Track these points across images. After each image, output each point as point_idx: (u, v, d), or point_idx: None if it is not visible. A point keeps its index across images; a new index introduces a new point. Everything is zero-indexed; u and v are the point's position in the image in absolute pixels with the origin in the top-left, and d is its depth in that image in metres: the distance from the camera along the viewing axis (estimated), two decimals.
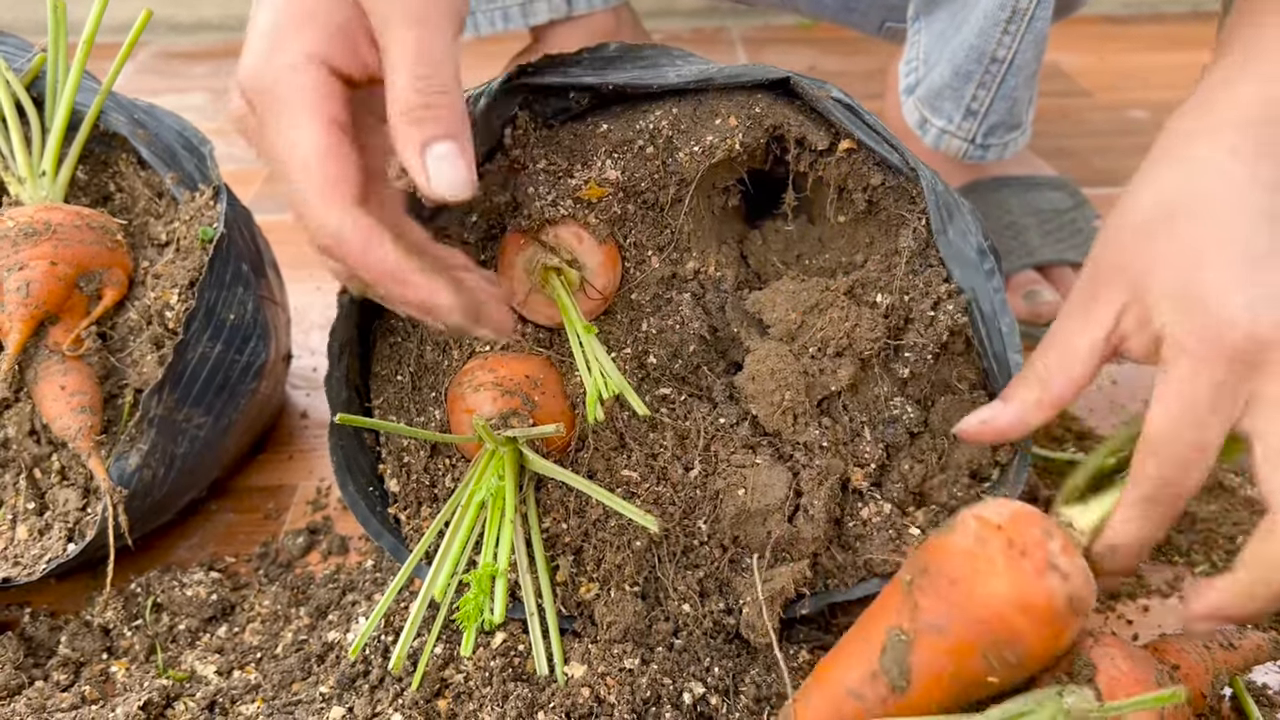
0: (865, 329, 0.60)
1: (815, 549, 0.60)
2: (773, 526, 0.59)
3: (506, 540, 0.57)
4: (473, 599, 0.56)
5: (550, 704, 0.57)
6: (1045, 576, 0.49)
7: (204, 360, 0.67)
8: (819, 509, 0.59)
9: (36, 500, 0.66)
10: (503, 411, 0.59)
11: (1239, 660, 0.60)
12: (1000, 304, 0.60)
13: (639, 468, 0.61)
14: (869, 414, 0.62)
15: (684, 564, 0.61)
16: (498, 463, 0.58)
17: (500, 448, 0.58)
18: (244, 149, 1.36)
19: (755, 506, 0.59)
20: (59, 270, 0.65)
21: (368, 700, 0.59)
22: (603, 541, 0.61)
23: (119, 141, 0.72)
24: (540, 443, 0.60)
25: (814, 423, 0.61)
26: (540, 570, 0.59)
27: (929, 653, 0.51)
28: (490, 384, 0.60)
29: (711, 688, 0.58)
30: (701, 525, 0.61)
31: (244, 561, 0.72)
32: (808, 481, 0.60)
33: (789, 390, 0.60)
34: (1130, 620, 0.66)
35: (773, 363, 0.60)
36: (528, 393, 0.60)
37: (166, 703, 0.60)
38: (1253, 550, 0.50)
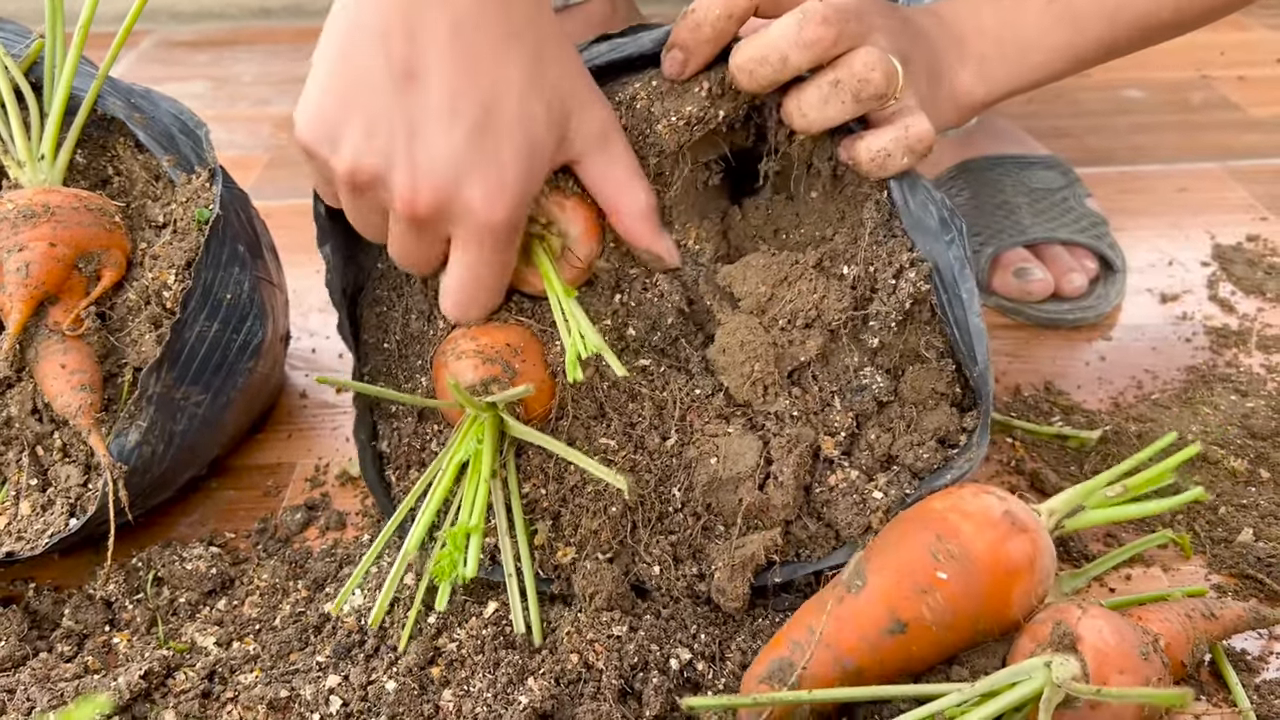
0: (833, 300, 0.62)
1: (786, 516, 0.61)
2: (744, 494, 0.60)
3: (482, 500, 0.59)
4: (447, 555, 0.58)
5: (540, 670, 0.58)
6: (982, 496, 0.58)
7: (201, 339, 0.69)
8: (788, 476, 0.60)
9: (39, 477, 0.68)
10: (483, 378, 0.60)
11: (1219, 629, 0.61)
12: (960, 272, 0.60)
13: (617, 436, 0.63)
14: (839, 384, 0.63)
15: (658, 530, 0.62)
16: (478, 428, 0.60)
17: (480, 413, 0.60)
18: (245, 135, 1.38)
19: (727, 474, 0.60)
20: (58, 251, 0.66)
21: (363, 669, 0.60)
22: (580, 507, 0.62)
23: (116, 125, 0.74)
24: (521, 411, 0.62)
25: (784, 393, 0.63)
26: (519, 533, 0.61)
27: (881, 558, 0.57)
28: (472, 352, 0.61)
29: (698, 654, 0.59)
30: (676, 493, 0.62)
31: (243, 537, 0.73)
32: (778, 450, 0.61)
33: (758, 362, 0.61)
34: (1113, 589, 0.67)
35: (742, 335, 0.62)
36: (508, 360, 0.61)
37: (167, 672, 0.62)
38: None
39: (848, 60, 0.59)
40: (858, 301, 0.62)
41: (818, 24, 0.57)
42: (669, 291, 0.65)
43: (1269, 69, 1.41)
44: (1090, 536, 0.70)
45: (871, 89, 0.58)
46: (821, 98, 0.59)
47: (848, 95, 0.59)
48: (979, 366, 0.60)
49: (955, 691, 0.53)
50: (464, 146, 0.53)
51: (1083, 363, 0.87)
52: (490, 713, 0.56)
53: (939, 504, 0.58)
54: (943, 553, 0.55)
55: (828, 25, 0.57)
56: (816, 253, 0.63)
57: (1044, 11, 0.68)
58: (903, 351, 0.64)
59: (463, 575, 0.58)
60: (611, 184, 0.60)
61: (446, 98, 0.53)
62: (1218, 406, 0.79)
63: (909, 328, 0.63)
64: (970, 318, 0.60)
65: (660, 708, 0.56)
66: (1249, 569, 0.67)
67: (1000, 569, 0.55)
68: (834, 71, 0.59)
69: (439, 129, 0.53)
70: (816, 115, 0.60)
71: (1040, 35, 0.69)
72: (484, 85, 0.54)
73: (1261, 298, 0.93)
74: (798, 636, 0.55)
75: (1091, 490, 0.62)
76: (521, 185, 0.55)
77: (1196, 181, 1.13)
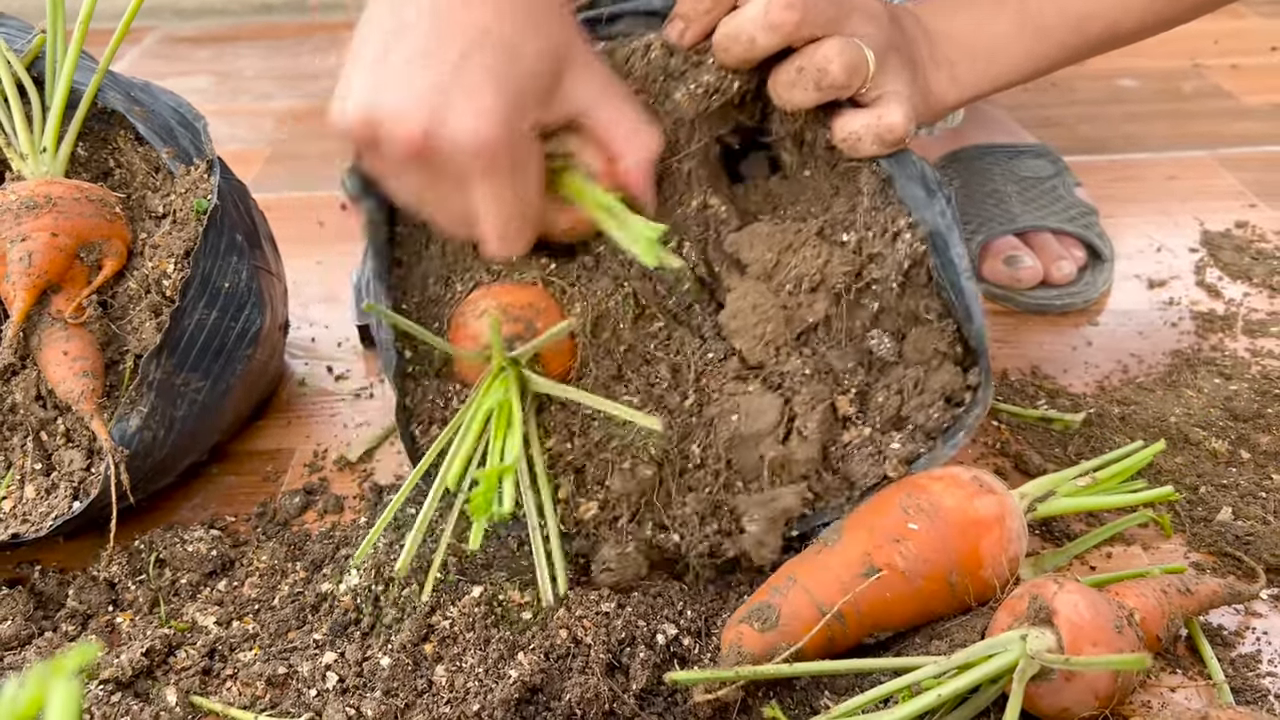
0: (836, 264, 0.64)
1: (807, 470, 0.64)
2: (766, 449, 0.63)
3: (514, 443, 0.60)
4: (483, 493, 0.58)
5: (530, 645, 0.59)
6: (951, 466, 0.63)
7: (200, 326, 0.70)
8: (813, 430, 0.63)
9: (43, 461, 0.69)
10: (507, 336, 0.62)
11: (1195, 604, 0.62)
12: (949, 235, 0.63)
13: (638, 394, 0.65)
14: (846, 345, 0.66)
15: (682, 485, 0.64)
16: (503, 380, 0.62)
17: (506, 366, 0.62)
18: (247, 130, 1.39)
19: (749, 431, 0.63)
20: (60, 241, 0.68)
21: (358, 646, 0.62)
22: (604, 462, 0.64)
23: (117, 119, 0.75)
24: (541, 370, 0.64)
25: (795, 354, 0.65)
26: (542, 488, 0.63)
27: (857, 518, 0.61)
28: (494, 309, 0.63)
29: (684, 629, 0.61)
30: (696, 449, 0.64)
31: (243, 520, 0.75)
32: (801, 405, 0.63)
33: (769, 324, 0.64)
34: (1094, 567, 0.68)
35: (753, 298, 0.64)
36: (530, 319, 0.63)
37: (169, 650, 0.63)
38: None
39: (812, 49, 0.61)
40: (860, 266, 0.65)
41: (781, 9, 0.60)
42: (687, 254, 0.66)
43: (1262, 57, 1.42)
44: (1073, 517, 0.71)
45: (829, 79, 0.61)
46: (789, 81, 0.62)
47: (810, 82, 0.61)
48: (975, 324, 0.63)
49: (933, 663, 0.54)
50: (446, 79, 0.55)
51: (1070, 348, 0.88)
52: (481, 686, 0.58)
53: (912, 476, 0.60)
54: (913, 507, 0.59)
55: (791, 10, 0.59)
56: (817, 221, 0.65)
57: (1014, 22, 0.71)
58: (903, 314, 0.66)
59: (499, 514, 0.58)
60: (618, 129, 0.61)
61: (427, 42, 0.55)
62: (1201, 389, 0.81)
63: (908, 291, 0.65)
64: (962, 279, 0.63)
65: (647, 681, 0.57)
66: (1227, 547, 0.68)
67: (968, 521, 0.58)
68: (800, 58, 0.61)
69: (420, 70, 0.55)
70: (787, 96, 0.63)
71: (1009, 44, 0.72)
72: (463, 31, 0.55)
73: (1248, 283, 0.94)
74: (778, 584, 0.58)
75: (1063, 480, 0.64)
76: (505, 106, 0.55)
77: (1186, 169, 1.14)
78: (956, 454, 0.65)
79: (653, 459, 0.63)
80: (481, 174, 0.57)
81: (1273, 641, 0.62)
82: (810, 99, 0.62)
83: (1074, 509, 0.64)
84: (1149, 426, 0.77)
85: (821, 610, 0.56)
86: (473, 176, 0.57)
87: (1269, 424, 0.77)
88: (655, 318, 0.67)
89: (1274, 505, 0.70)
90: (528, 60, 0.57)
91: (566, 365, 0.65)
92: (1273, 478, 0.72)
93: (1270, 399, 0.79)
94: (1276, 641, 0.62)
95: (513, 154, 0.57)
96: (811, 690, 0.58)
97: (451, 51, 0.55)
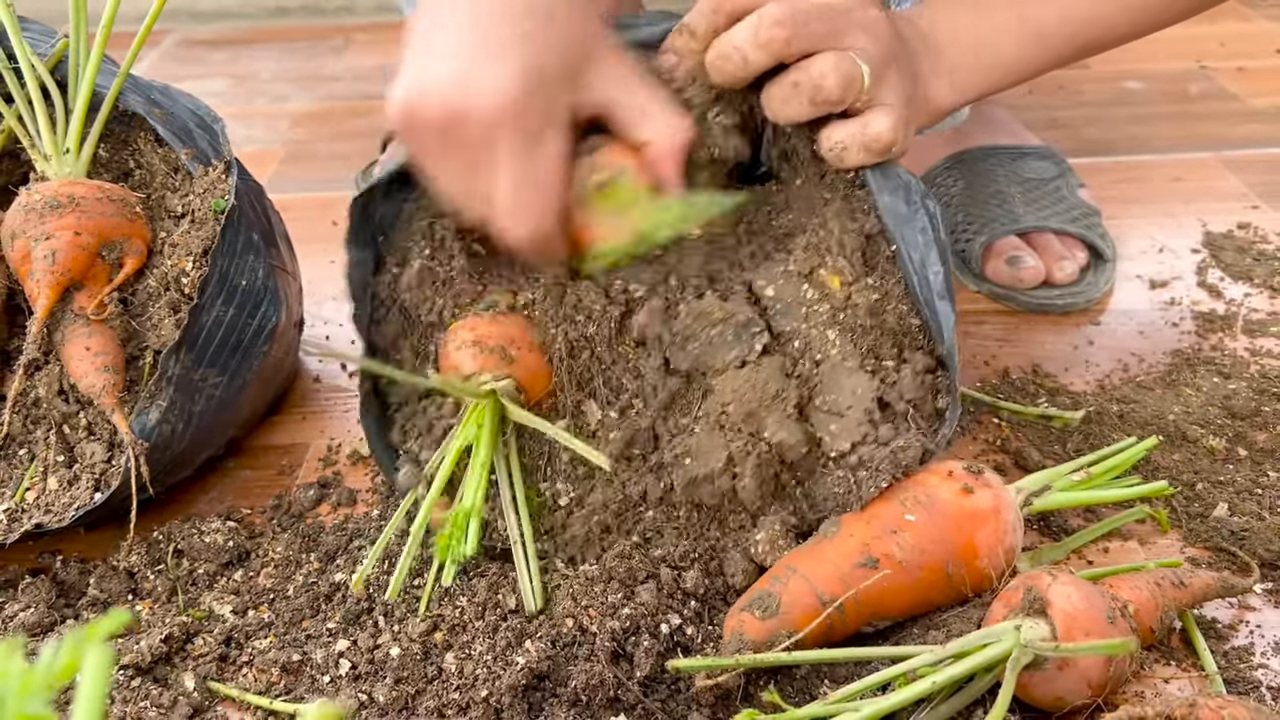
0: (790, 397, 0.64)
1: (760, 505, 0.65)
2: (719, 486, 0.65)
3: (481, 483, 0.62)
4: (447, 536, 0.61)
5: (538, 634, 0.61)
6: (947, 461, 0.64)
7: (218, 323, 0.72)
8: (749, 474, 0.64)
9: (65, 454, 0.71)
10: (481, 367, 0.64)
11: (1188, 597, 0.63)
12: (927, 254, 0.64)
13: (616, 412, 0.67)
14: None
15: (660, 513, 0.67)
16: (478, 413, 0.63)
17: (480, 400, 0.63)
18: (263, 131, 1.41)
19: (700, 473, 0.64)
20: (83, 240, 0.70)
21: (370, 634, 0.64)
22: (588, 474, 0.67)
23: (137, 121, 0.77)
24: (523, 395, 0.65)
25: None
26: (521, 508, 0.65)
27: (855, 514, 0.62)
28: (470, 343, 0.65)
29: (688, 619, 0.62)
30: (661, 485, 0.66)
31: (259, 513, 0.77)
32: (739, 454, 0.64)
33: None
34: (1091, 561, 0.69)
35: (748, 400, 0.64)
36: (504, 348, 0.65)
37: (186, 638, 0.65)
38: None
39: (807, 64, 0.63)
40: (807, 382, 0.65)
41: (770, 26, 0.61)
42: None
43: (1269, 59, 1.42)
44: (1071, 513, 0.72)
45: (824, 94, 0.62)
46: (783, 96, 0.64)
47: (804, 98, 0.63)
48: (945, 344, 0.64)
49: (929, 652, 0.56)
50: (471, 58, 0.57)
51: (1071, 346, 0.89)
52: (490, 673, 0.59)
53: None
54: (910, 499, 0.60)
55: (780, 27, 0.61)
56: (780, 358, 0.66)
57: (1014, 28, 0.73)
58: (883, 330, 0.66)
59: (462, 555, 0.62)
60: (646, 117, 0.62)
61: (459, 35, 0.58)
62: (1200, 388, 0.82)
63: (885, 308, 0.66)
64: (935, 299, 0.64)
65: (650, 669, 0.59)
66: (1223, 542, 0.69)
67: (964, 513, 0.59)
68: (795, 73, 0.63)
69: (451, 56, 0.58)
70: (780, 110, 0.64)
71: (1009, 49, 0.74)
72: (492, 20, 0.58)
73: (1249, 283, 0.95)
74: (778, 573, 0.59)
75: (1058, 475, 0.65)
76: (524, 74, 0.57)
77: (1191, 171, 1.15)
78: (955, 449, 0.66)
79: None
80: (501, 138, 0.58)
81: (1266, 635, 0.63)
82: (805, 113, 0.64)
83: (1069, 503, 0.65)
84: (1147, 424, 0.78)
85: (821, 599, 0.58)
86: (493, 143, 0.58)
87: (1266, 422, 0.78)
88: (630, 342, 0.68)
89: (1269, 501, 0.71)
90: (551, 39, 0.59)
91: (546, 388, 0.67)
92: (1268, 474, 0.73)
93: (1268, 398, 0.80)
94: (1269, 634, 0.63)
95: (530, 121, 0.58)
96: (811, 678, 0.60)
97: (479, 35, 0.57)
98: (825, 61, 0.62)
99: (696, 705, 0.58)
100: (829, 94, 0.62)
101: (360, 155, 1.27)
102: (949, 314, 0.63)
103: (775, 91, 0.64)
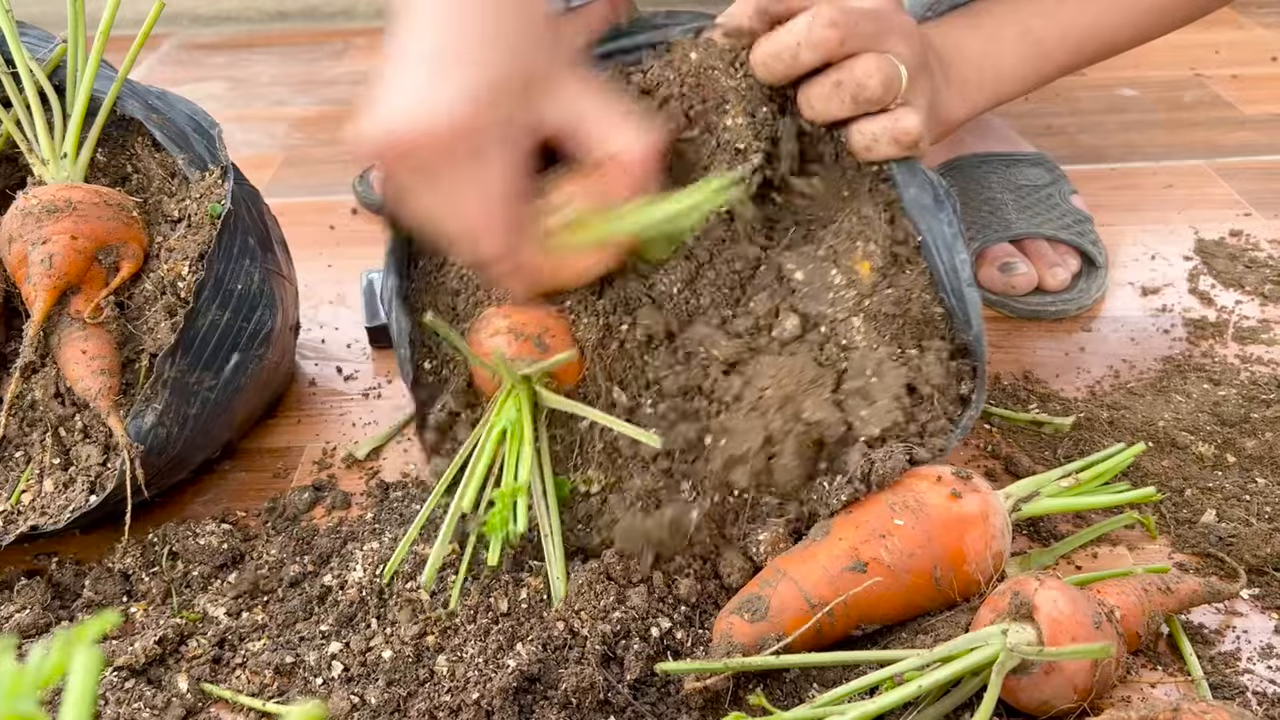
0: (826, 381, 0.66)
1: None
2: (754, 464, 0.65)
3: (526, 462, 0.64)
4: (499, 513, 0.62)
5: (529, 637, 0.61)
6: (936, 466, 0.64)
7: (213, 327, 0.73)
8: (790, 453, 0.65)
9: (61, 456, 0.72)
10: (517, 354, 0.65)
11: (1175, 602, 0.64)
12: (954, 244, 0.66)
13: (653, 399, 0.68)
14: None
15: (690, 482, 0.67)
16: (515, 398, 0.64)
17: (516, 384, 0.64)
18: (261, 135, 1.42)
19: (737, 452, 0.64)
20: (80, 244, 0.70)
21: (363, 636, 0.64)
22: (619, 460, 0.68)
23: (135, 125, 0.78)
24: (552, 384, 0.67)
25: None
26: (550, 499, 0.66)
27: (845, 517, 0.63)
28: (505, 329, 0.66)
29: (678, 623, 0.63)
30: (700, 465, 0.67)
31: (253, 515, 0.77)
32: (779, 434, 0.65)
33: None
34: (1080, 566, 0.70)
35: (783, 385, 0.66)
36: (539, 336, 0.66)
37: (180, 640, 0.66)
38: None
39: (850, 64, 0.65)
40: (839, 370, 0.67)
41: (824, 26, 0.63)
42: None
43: (1263, 67, 1.43)
44: (1060, 518, 0.73)
45: (867, 94, 0.65)
46: (824, 95, 0.66)
47: (847, 96, 0.65)
48: (974, 330, 0.66)
49: (916, 656, 0.56)
50: (421, 91, 0.59)
51: (1062, 353, 0.90)
52: (481, 676, 0.60)
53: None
54: (899, 504, 0.61)
55: (835, 28, 0.63)
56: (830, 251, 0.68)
57: (1017, 44, 0.76)
58: (907, 318, 0.68)
59: (514, 532, 0.63)
60: (614, 130, 0.63)
61: (413, 67, 0.60)
62: (1190, 394, 0.82)
63: (911, 296, 0.67)
64: (964, 287, 0.66)
65: (640, 672, 0.60)
66: (1210, 548, 0.69)
67: (952, 517, 0.60)
68: (838, 73, 0.65)
69: (400, 88, 0.59)
70: (821, 108, 0.66)
71: (1013, 65, 0.77)
72: (441, 54, 0.59)
73: (1240, 290, 0.96)
74: (768, 577, 0.60)
75: (1047, 480, 0.66)
76: (473, 102, 0.58)
77: (1184, 178, 1.16)
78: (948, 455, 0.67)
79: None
80: (458, 158, 0.59)
81: (1252, 640, 0.64)
82: (845, 112, 0.66)
83: (1057, 509, 0.66)
84: (1137, 430, 0.79)
85: (809, 602, 0.58)
86: (452, 163, 0.59)
87: (1255, 428, 0.78)
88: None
89: (1257, 508, 0.71)
90: (506, 64, 0.60)
91: (578, 375, 0.68)
92: (1257, 481, 0.74)
93: (1257, 404, 0.80)
94: (1256, 640, 0.64)
95: (484, 139, 0.59)
96: (800, 681, 0.60)
97: (435, 66, 0.59)
98: (869, 62, 0.64)
99: (686, 708, 0.59)
100: (872, 93, 0.64)
101: (358, 161, 1.28)
102: (976, 300, 0.66)
103: (816, 90, 0.66)
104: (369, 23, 1.81)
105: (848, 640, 0.61)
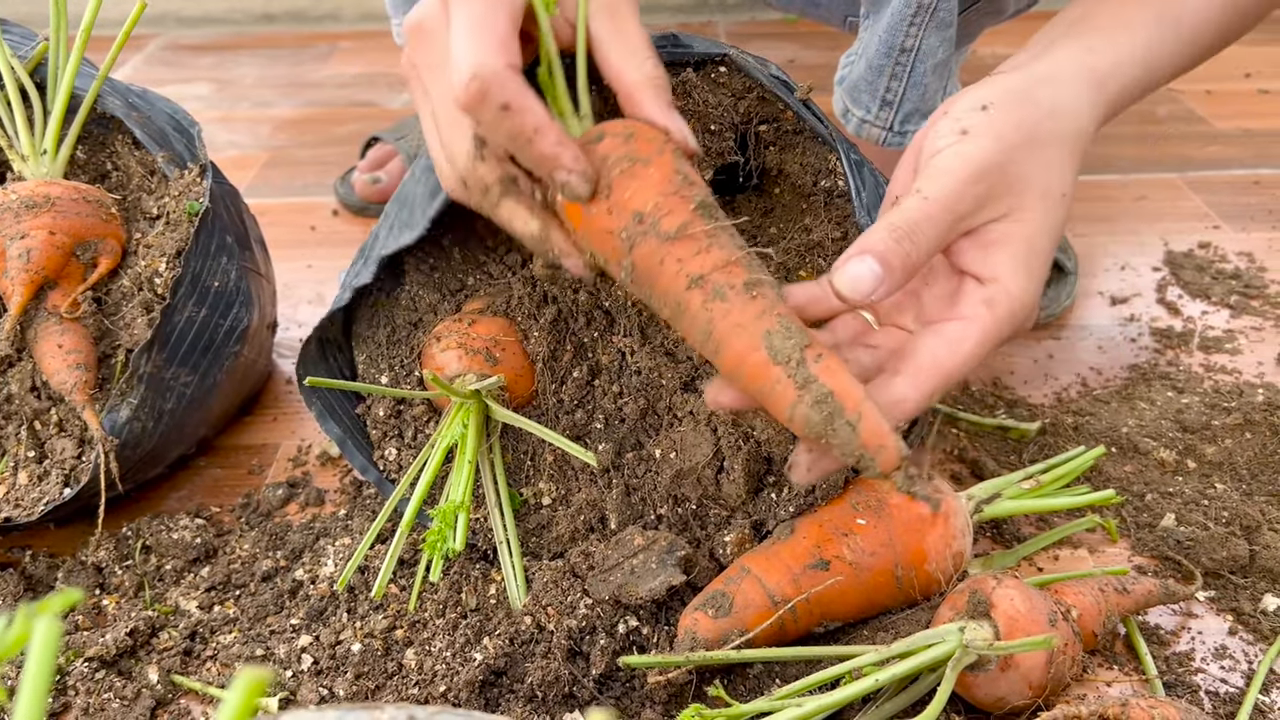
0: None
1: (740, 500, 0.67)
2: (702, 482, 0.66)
3: (468, 480, 0.64)
4: (436, 531, 0.62)
5: (496, 631, 0.62)
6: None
7: (190, 323, 0.73)
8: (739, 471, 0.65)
9: (36, 449, 0.72)
10: (467, 368, 0.65)
11: (1131, 603, 0.65)
12: None
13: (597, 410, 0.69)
14: None
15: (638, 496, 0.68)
16: (464, 413, 0.65)
17: (465, 400, 0.65)
18: (245, 136, 1.42)
19: (686, 465, 0.65)
20: (58, 239, 0.71)
21: (332, 630, 0.65)
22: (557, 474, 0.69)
23: (115, 123, 0.78)
24: (505, 395, 0.67)
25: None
26: (505, 506, 0.66)
27: (809, 517, 0.63)
28: (455, 344, 0.66)
29: (644, 620, 0.63)
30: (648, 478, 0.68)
31: (228, 511, 0.78)
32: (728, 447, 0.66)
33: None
34: (1041, 568, 0.71)
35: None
36: (489, 350, 0.66)
37: (152, 632, 0.66)
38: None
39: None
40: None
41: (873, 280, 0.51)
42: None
43: (1235, 83, 1.45)
44: (1024, 521, 0.74)
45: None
46: None
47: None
48: None
49: (874, 651, 0.57)
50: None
51: (1031, 360, 0.91)
52: (449, 669, 0.60)
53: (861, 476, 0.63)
54: (861, 503, 0.62)
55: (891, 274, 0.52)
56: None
57: (1159, 28, 0.65)
58: None
59: (452, 549, 0.63)
60: (617, 53, 0.57)
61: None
62: (1154, 402, 0.84)
63: None
64: None
65: (606, 666, 0.60)
66: (1169, 551, 0.71)
67: (913, 517, 0.61)
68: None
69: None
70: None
71: (1160, 52, 0.66)
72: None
73: (1206, 301, 0.98)
74: (732, 574, 0.61)
75: (1008, 483, 0.67)
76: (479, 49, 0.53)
77: (1155, 191, 1.18)
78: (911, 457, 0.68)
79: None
80: (455, 10, 0.54)
81: (1206, 640, 0.65)
82: None
83: (1018, 510, 0.67)
84: (1101, 436, 0.80)
85: (773, 599, 0.59)
86: (442, 22, 0.55)
87: (1215, 435, 0.80)
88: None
89: (1215, 512, 0.73)
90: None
91: (530, 389, 0.69)
92: (1216, 486, 0.75)
93: (1219, 412, 0.82)
94: (1210, 641, 0.65)
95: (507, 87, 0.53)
96: (764, 677, 0.61)
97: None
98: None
99: (650, 702, 0.60)
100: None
101: (341, 162, 1.29)
102: None
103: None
104: (355, 26, 1.82)
105: (810, 637, 0.62)
